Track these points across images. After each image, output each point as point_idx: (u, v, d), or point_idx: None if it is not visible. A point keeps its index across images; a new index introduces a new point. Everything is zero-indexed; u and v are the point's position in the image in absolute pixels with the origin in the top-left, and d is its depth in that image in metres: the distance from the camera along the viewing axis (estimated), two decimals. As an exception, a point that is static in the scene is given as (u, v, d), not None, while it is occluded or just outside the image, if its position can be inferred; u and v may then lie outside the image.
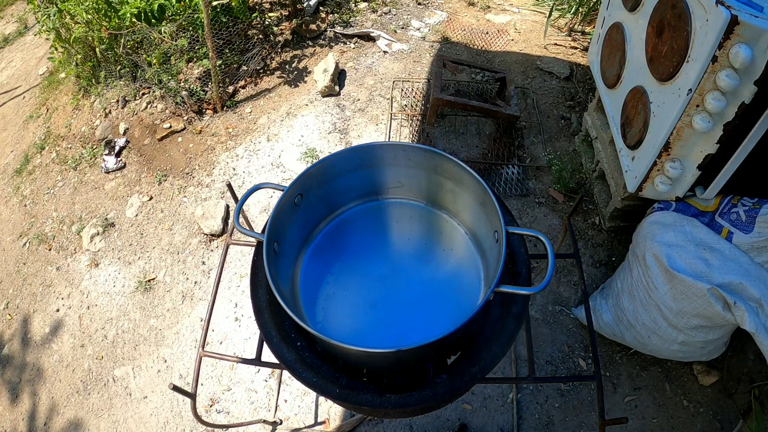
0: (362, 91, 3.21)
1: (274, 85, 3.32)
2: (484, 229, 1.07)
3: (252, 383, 2.07)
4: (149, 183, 2.88)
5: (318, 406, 1.98)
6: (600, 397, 1.14)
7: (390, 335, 1.02)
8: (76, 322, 2.42)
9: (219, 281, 1.34)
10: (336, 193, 1.18)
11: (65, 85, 3.63)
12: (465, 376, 0.96)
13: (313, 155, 2.84)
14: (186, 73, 3.31)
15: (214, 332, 2.24)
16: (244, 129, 3.07)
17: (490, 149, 2.78)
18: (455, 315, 1.02)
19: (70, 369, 2.28)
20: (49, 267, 2.66)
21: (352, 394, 0.95)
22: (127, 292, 2.46)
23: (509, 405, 1.92)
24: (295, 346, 1.01)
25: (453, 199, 1.16)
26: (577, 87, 3.10)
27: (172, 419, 2.04)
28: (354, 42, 3.58)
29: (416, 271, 1.12)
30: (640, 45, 1.81)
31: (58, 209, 2.90)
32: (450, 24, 3.70)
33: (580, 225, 2.38)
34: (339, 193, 1.19)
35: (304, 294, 1.09)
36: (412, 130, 2.90)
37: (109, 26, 2.99)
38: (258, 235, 1.00)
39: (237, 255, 2.46)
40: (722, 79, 1.38)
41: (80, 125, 3.27)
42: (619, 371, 1.97)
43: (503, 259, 0.90)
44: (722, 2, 1.33)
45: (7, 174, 3.28)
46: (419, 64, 3.36)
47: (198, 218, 2.62)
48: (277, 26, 3.63)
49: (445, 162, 1.07)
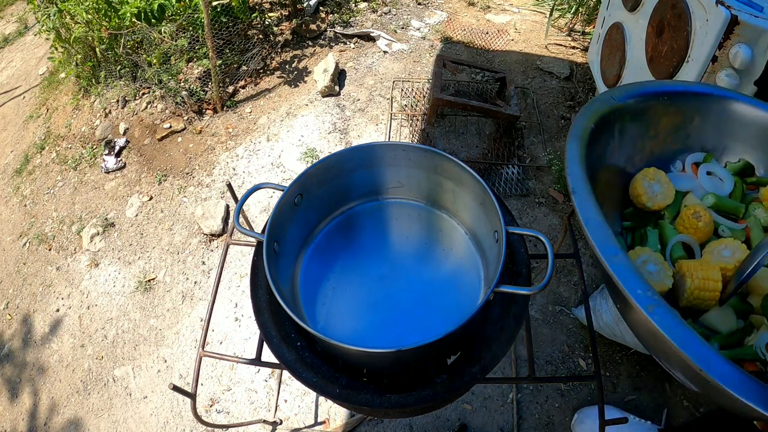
0: (362, 91, 3.21)
1: (274, 85, 3.32)
2: (484, 229, 1.07)
3: (252, 383, 2.07)
4: (149, 183, 2.88)
5: (318, 406, 1.98)
6: (600, 397, 1.14)
7: (390, 335, 1.02)
8: (76, 322, 2.42)
9: (219, 281, 1.34)
10: (336, 193, 1.18)
11: (65, 85, 3.63)
12: (465, 376, 0.96)
13: (313, 155, 2.84)
14: (186, 73, 3.31)
15: (214, 332, 2.24)
16: (244, 129, 3.07)
17: (490, 149, 2.78)
18: (455, 315, 1.02)
19: (70, 369, 2.28)
20: (49, 267, 2.66)
21: (352, 394, 0.95)
22: (127, 292, 2.46)
23: (509, 405, 1.92)
24: (295, 346, 1.01)
25: (453, 199, 1.16)
26: (577, 87, 3.10)
27: (172, 419, 2.04)
28: (354, 42, 3.58)
29: (416, 271, 1.12)
30: (640, 45, 1.81)
31: (58, 209, 2.90)
32: (450, 24, 3.70)
33: (580, 225, 2.38)
34: (339, 193, 1.19)
35: (304, 294, 1.09)
36: (412, 130, 2.90)
37: (109, 26, 2.99)
38: (258, 235, 1.00)
39: (237, 255, 2.46)
40: (722, 79, 1.38)
41: (80, 125, 3.27)
42: (619, 371, 1.97)
43: (503, 259, 0.90)
44: (722, 2, 1.33)
45: (7, 174, 3.29)
46: (419, 64, 3.36)
47: (198, 218, 2.62)
48: (277, 26, 3.63)
49: (445, 162, 1.07)
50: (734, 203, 0.92)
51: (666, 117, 0.93)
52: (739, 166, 0.97)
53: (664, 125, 0.94)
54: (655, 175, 0.91)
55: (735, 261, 0.80)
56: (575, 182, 0.74)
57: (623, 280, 0.67)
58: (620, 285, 0.66)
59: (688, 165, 0.98)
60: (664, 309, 0.64)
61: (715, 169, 0.96)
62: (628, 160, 0.95)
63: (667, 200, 0.90)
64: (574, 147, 0.79)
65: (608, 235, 0.73)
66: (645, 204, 0.89)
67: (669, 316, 0.63)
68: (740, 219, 0.92)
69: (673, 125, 0.95)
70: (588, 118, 0.82)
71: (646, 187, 0.90)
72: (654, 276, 0.77)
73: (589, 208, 0.70)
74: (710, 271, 0.78)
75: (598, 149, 0.84)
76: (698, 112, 0.94)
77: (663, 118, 0.93)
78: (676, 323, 0.63)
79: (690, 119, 0.95)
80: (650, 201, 0.89)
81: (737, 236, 0.88)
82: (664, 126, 0.94)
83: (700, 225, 0.85)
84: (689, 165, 0.98)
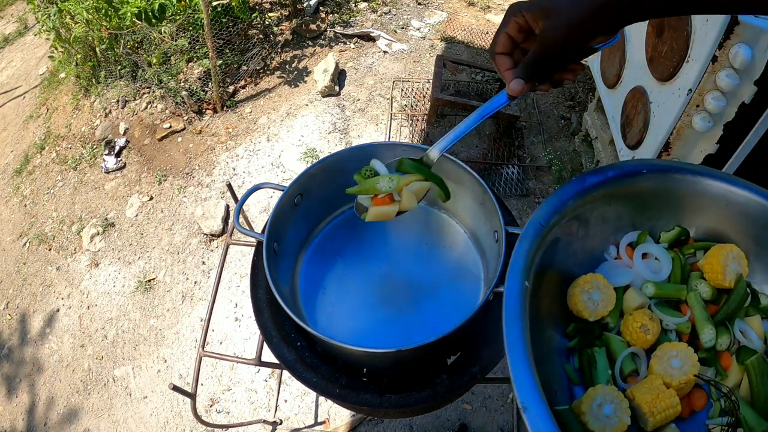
0: (362, 91, 3.21)
1: (274, 85, 3.32)
2: (484, 229, 1.07)
3: (252, 383, 2.07)
4: (149, 183, 2.88)
5: (318, 406, 1.98)
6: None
7: (390, 335, 1.02)
8: (76, 322, 2.42)
9: (219, 281, 1.34)
10: (336, 193, 1.18)
11: (65, 85, 3.63)
12: (465, 376, 0.96)
13: (313, 155, 2.84)
14: (186, 73, 3.31)
15: (214, 332, 2.24)
16: (244, 129, 3.07)
17: (490, 149, 2.78)
18: (455, 315, 1.02)
19: (70, 369, 2.28)
20: (49, 267, 2.67)
21: (352, 394, 0.95)
22: (127, 292, 2.46)
23: (509, 405, 1.92)
24: (295, 346, 1.01)
25: (453, 199, 1.15)
26: (577, 87, 3.10)
27: (172, 419, 2.04)
28: (354, 42, 3.58)
29: (416, 271, 1.12)
30: (640, 45, 1.81)
31: (58, 209, 2.91)
32: (450, 24, 3.70)
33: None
34: (339, 193, 1.19)
35: (304, 294, 1.09)
36: (412, 130, 2.90)
37: (109, 26, 2.99)
38: (258, 235, 1.00)
39: (237, 255, 2.46)
40: (722, 79, 1.38)
41: (80, 125, 3.27)
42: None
43: (503, 259, 0.90)
44: (722, 2, 1.33)
45: (7, 174, 3.29)
46: (419, 64, 3.36)
47: (198, 218, 2.62)
48: (277, 26, 3.63)
49: (445, 162, 1.07)
50: (675, 287, 0.89)
51: (597, 210, 0.88)
52: (673, 235, 0.93)
53: (595, 220, 0.89)
54: (593, 281, 0.87)
55: (683, 376, 0.79)
56: (525, 394, 0.66)
57: None
58: None
59: (622, 249, 0.93)
60: None
61: (651, 249, 0.91)
62: (564, 265, 0.89)
63: (608, 306, 0.87)
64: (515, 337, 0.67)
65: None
66: (587, 318, 0.87)
67: None
68: (683, 303, 0.90)
69: (603, 216, 0.91)
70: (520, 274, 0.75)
71: (586, 300, 0.86)
72: (611, 419, 0.75)
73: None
74: (663, 397, 0.77)
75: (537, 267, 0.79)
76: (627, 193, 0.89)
77: (595, 213, 0.88)
78: None
79: (619, 202, 0.91)
80: (592, 315, 0.86)
81: (683, 329, 0.87)
82: (595, 220, 0.89)
83: (649, 338, 0.84)
84: (623, 249, 0.93)
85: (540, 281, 0.80)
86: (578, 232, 0.89)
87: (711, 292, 0.88)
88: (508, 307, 0.71)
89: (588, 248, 0.93)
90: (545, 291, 0.83)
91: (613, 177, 0.88)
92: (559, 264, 0.87)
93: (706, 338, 0.85)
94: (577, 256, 0.91)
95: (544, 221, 0.82)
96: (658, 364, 0.82)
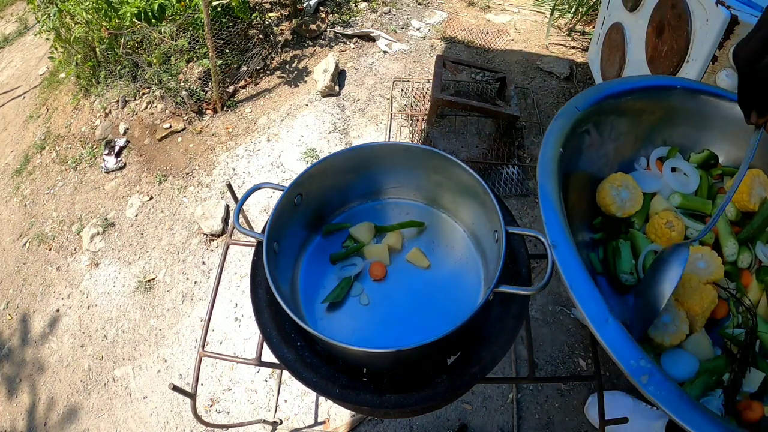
0: (362, 91, 3.21)
1: (274, 85, 3.32)
2: (484, 229, 1.07)
3: (252, 383, 2.07)
4: (149, 183, 2.88)
5: (318, 406, 1.98)
6: (600, 397, 1.14)
7: (390, 335, 1.02)
8: (76, 322, 2.42)
9: (219, 281, 1.34)
10: (336, 193, 1.18)
11: (65, 85, 3.63)
12: (465, 376, 0.96)
13: (313, 155, 2.84)
14: (186, 73, 3.31)
15: (214, 332, 2.24)
16: (244, 129, 3.07)
17: (490, 149, 2.78)
18: (455, 315, 1.01)
19: (70, 369, 2.28)
20: (49, 267, 2.67)
21: (352, 394, 0.95)
22: (127, 292, 2.46)
23: (509, 405, 1.92)
24: (295, 346, 1.01)
25: (453, 199, 1.16)
26: (577, 87, 3.10)
27: (172, 419, 2.04)
28: (354, 42, 3.58)
29: (416, 271, 1.12)
30: (640, 45, 1.81)
31: (58, 209, 2.91)
32: (450, 24, 3.70)
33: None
34: (339, 193, 1.19)
35: (304, 294, 1.09)
36: (412, 130, 2.90)
37: (109, 26, 2.99)
38: (258, 235, 1.00)
39: (237, 255, 2.46)
40: (722, 79, 1.38)
41: (80, 125, 3.27)
42: (619, 370, 1.96)
43: (503, 259, 0.90)
44: (722, 2, 1.33)
45: (7, 174, 3.29)
46: (419, 64, 3.36)
47: (198, 218, 2.62)
48: (277, 26, 3.63)
49: (445, 162, 1.07)
50: (701, 201, 0.91)
51: (629, 116, 0.91)
52: (702, 157, 0.95)
53: (628, 124, 0.92)
54: (623, 180, 0.89)
55: (709, 275, 0.80)
56: (555, 234, 0.71)
57: (615, 350, 0.67)
58: (612, 356, 0.66)
59: (652, 161, 0.96)
60: (657, 379, 0.64)
61: (680, 165, 0.94)
62: (594, 166, 0.93)
63: (636, 206, 0.88)
64: (547, 187, 0.74)
65: (597, 299, 0.71)
66: (614, 213, 0.88)
67: (664, 386, 0.63)
68: (707, 216, 0.91)
69: (636, 123, 0.94)
70: (555, 143, 0.80)
71: (614, 196, 0.88)
72: (669, 328, 0.76)
73: (573, 267, 0.67)
74: (705, 295, 0.78)
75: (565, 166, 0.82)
76: (660, 107, 0.92)
77: (626, 118, 0.91)
78: (671, 392, 0.63)
79: (652, 114, 0.93)
80: (619, 210, 0.88)
81: (706, 240, 0.88)
82: (628, 125, 0.92)
83: (674, 234, 0.85)
84: (653, 161, 0.96)
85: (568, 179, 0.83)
86: (610, 134, 0.91)
87: (735, 212, 0.90)
88: (543, 164, 0.77)
89: (618, 155, 0.94)
90: (573, 187, 0.86)
91: (646, 86, 0.90)
92: (587, 164, 0.89)
93: (729, 252, 0.85)
94: (608, 158, 0.93)
95: (579, 107, 0.84)
96: None
